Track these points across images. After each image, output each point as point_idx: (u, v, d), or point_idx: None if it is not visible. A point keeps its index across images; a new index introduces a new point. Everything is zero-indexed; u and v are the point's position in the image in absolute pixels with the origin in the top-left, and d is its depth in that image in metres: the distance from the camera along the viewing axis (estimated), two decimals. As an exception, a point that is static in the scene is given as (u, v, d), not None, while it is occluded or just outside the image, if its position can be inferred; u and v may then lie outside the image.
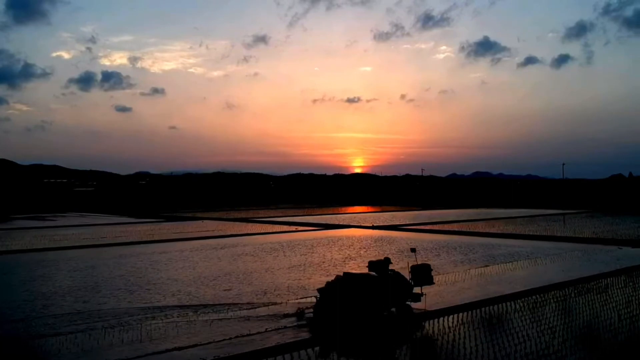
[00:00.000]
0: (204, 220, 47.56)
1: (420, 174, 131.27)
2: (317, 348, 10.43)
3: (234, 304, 14.24)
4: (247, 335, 11.21)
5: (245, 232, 36.03)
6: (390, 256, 14.07)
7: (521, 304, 13.77)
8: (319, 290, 12.39)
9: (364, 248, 26.57)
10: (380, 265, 12.58)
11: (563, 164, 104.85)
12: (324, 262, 21.81)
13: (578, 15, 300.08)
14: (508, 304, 13.73)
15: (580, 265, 20.48)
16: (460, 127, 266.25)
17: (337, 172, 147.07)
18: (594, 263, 20.84)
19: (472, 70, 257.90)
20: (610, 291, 15.32)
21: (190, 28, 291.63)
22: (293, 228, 39.01)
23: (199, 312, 13.29)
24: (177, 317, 12.85)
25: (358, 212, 61.58)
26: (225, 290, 16.25)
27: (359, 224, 42.00)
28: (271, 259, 22.83)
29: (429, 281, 12.98)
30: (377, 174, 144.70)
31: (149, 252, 25.61)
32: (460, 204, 72.67)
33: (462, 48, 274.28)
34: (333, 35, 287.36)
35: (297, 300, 14.41)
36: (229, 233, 34.97)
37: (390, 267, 12.78)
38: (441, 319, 12.35)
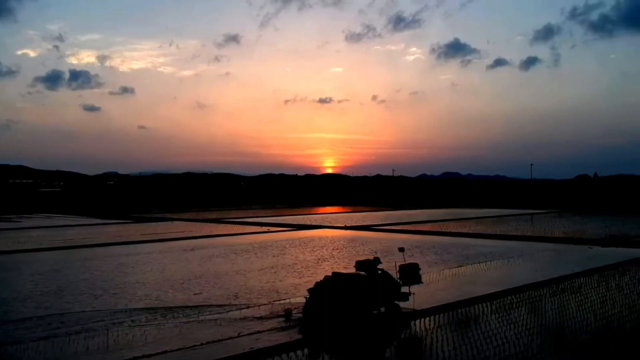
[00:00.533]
0: (174, 221, 46.71)
1: (391, 174, 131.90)
2: (300, 349, 10.08)
3: (205, 306, 13.77)
4: (220, 340, 10.79)
5: (216, 233, 35.42)
6: (364, 257, 13.88)
7: (498, 305, 13.63)
8: (309, 290, 12.21)
9: (337, 249, 26.28)
10: (369, 265, 12.42)
11: (531, 165, 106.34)
12: (296, 263, 21.45)
13: (546, 19, 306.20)
14: (484, 304, 13.58)
15: (553, 264, 20.54)
16: (430, 128, 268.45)
17: (308, 173, 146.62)
18: (566, 263, 20.92)
19: (442, 72, 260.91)
20: (585, 291, 15.30)
21: (160, 27, 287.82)
22: (264, 229, 38.55)
23: (167, 317, 12.80)
24: (145, 322, 12.34)
25: (330, 212, 61.35)
26: (195, 294, 15.75)
27: (331, 225, 41.74)
28: (242, 261, 22.37)
29: (417, 280, 12.90)
30: (349, 174, 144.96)
31: (116, 254, 24.88)
32: (431, 204, 73.21)
33: (433, 50, 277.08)
34: (305, 35, 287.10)
35: (269, 303, 14.03)
36: (199, 234, 34.33)
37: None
38: (425, 318, 12.15)
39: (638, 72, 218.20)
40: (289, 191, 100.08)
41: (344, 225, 40.65)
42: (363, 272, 12.33)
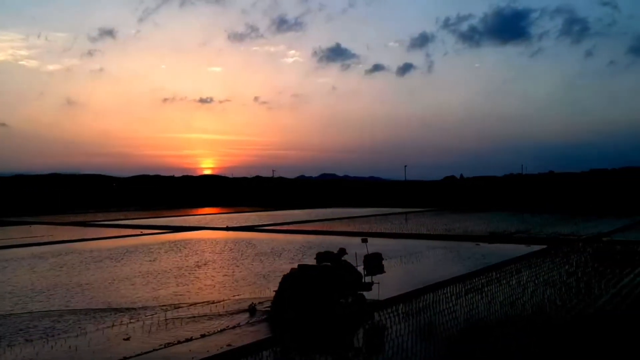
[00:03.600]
0: (32, 225, 41.56)
1: (271, 175, 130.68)
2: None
3: (58, 322, 11.01)
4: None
5: (80, 237, 31.50)
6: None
7: (404, 309, 12.22)
8: (280, 283, 12.07)
9: (219, 252, 23.97)
10: (332, 256, 12.56)
11: (405, 166, 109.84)
12: (171, 270, 18.89)
13: (421, 27, 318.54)
14: (389, 309, 12.09)
15: (448, 263, 19.81)
16: (310, 131, 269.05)
17: (185, 174, 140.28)
18: (461, 260, 20.28)
19: (323, 75, 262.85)
20: (489, 290, 14.39)
21: (25, 17, 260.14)
22: (137, 232, 35.08)
23: (4, 348, 9.95)
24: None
25: (209, 213, 58.42)
26: (45, 311, 12.81)
27: (211, 226, 39.13)
28: (108, 269, 19.38)
29: (381, 270, 12.96)
30: (228, 175, 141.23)
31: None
32: (310, 204, 73.14)
33: (315, 53, 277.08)
34: (186, 33, 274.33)
35: (139, 319, 11.56)
36: (60, 239, 30.25)
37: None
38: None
39: (500, 82, 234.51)
40: (165, 192, 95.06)
41: (225, 226, 38.22)
42: (328, 264, 12.32)
